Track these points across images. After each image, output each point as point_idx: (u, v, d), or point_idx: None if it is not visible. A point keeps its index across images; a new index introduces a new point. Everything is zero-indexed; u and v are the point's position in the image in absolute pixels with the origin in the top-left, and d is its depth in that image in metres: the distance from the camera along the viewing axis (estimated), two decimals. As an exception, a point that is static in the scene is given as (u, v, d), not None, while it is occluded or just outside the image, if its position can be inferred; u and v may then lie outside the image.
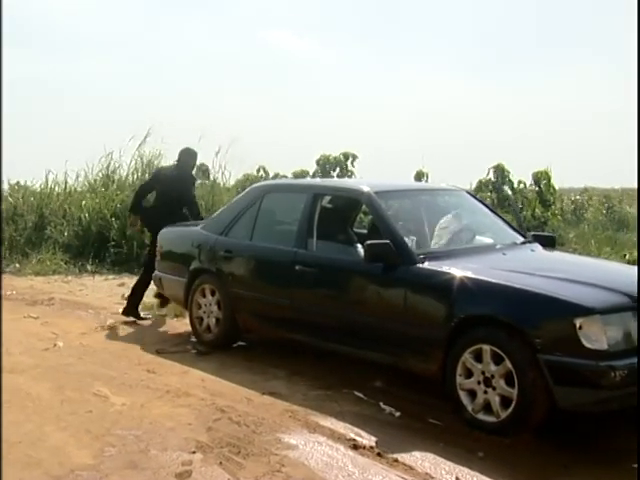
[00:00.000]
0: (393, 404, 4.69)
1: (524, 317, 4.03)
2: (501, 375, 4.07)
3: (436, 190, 6.27)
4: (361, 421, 4.36)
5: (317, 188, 5.84)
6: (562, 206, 19.71)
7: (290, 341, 5.76)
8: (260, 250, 5.79)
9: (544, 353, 3.89)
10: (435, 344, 4.38)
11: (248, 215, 6.02)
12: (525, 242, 5.50)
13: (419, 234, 5.23)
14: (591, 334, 3.80)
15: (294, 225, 5.60)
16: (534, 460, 3.88)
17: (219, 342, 6.07)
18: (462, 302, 4.31)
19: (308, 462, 3.77)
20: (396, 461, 3.79)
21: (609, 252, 9.87)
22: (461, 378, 4.26)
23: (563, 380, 3.88)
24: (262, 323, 5.86)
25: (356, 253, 5.24)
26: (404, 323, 4.56)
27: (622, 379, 3.75)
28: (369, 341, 4.87)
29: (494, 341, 4.10)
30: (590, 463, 3.84)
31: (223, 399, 4.77)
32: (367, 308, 4.85)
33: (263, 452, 3.88)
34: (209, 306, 6.10)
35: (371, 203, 5.18)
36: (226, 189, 13.70)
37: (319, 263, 5.26)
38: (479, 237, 5.44)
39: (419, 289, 4.57)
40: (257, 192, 6.18)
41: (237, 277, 5.91)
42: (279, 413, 4.51)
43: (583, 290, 4.09)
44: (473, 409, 4.21)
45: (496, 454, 3.91)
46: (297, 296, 5.36)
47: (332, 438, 4.10)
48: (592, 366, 3.77)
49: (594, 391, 3.85)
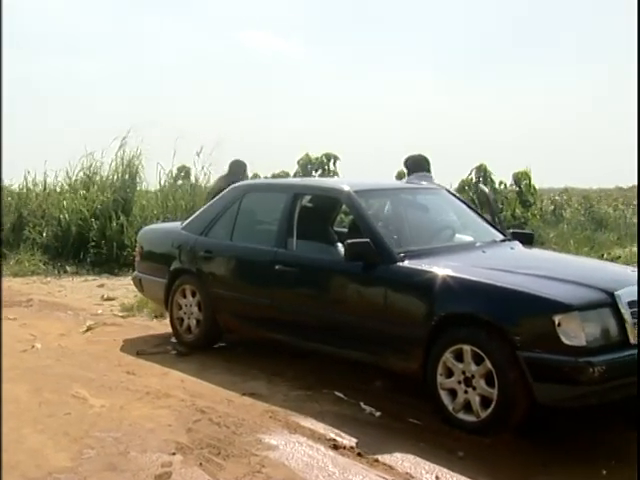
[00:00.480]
0: (373, 404, 4.68)
1: (504, 314, 4.05)
2: (481, 375, 4.07)
3: (416, 189, 6.27)
4: (341, 421, 4.35)
5: (297, 188, 5.83)
6: (542, 206, 19.86)
7: (271, 341, 5.74)
8: (240, 250, 5.77)
9: (524, 350, 3.90)
10: (416, 343, 4.38)
11: (228, 215, 6.00)
12: (504, 240, 5.52)
13: (399, 232, 5.24)
14: (570, 331, 3.82)
15: (274, 225, 5.58)
16: (514, 459, 3.89)
17: (199, 343, 6.03)
18: (442, 300, 4.31)
19: (288, 462, 3.75)
20: (376, 461, 3.78)
21: (588, 252, 9.95)
22: (442, 377, 4.26)
23: (542, 377, 3.90)
24: (243, 323, 5.83)
25: (336, 252, 5.23)
26: (385, 322, 4.55)
27: (600, 375, 3.77)
28: (350, 340, 4.86)
29: (474, 341, 4.10)
30: (569, 461, 3.85)
31: (203, 400, 4.74)
32: (347, 307, 4.84)
33: (243, 453, 3.86)
34: (189, 307, 6.06)
35: (351, 202, 5.17)
36: (207, 189, 13.63)
37: (299, 262, 5.25)
38: (459, 235, 5.46)
39: (399, 288, 4.57)
40: (237, 192, 6.15)
41: (217, 277, 5.88)
42: (259, 414, 4.49)
43: (561, 287, 4.11)
44: (453, 408, 4.22)
45: (476, 453, 3.92)
46: (277, 296, 5.34)
47: (312, 438, 4.08)
48: (571, 362, 3.79)
49: (573, 387, 3.87)
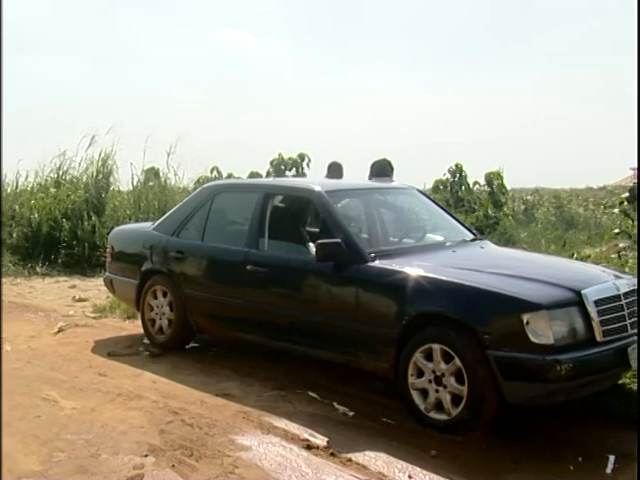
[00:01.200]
0: (347, 404, 4.70)
1: (473, 314, 4.09)
2: (451, 373, 4.12)
3: (387, 189, 6.31)
4: (315, 421, 4.37)
5: (268, 188, 5.83)
6: (514, 206, 20.06)
7: (243, 341, 5.74)
8: (211, 250, 5.76)
9: (493, 349, 3.94)
10: (387, 342, 4.41)
11: (199, 215, 5.99)
12: (475, 239, 5.58)
13: (370, 232, 5.27)
14: (538, 329, 3.87)
15: (245, 225, 5.58)
16: (485, 457, 3.94)
17: (172, 344, 6.01)
18: (413, 300, 4.35)
19: (262, 463, 3.75)
20: (349, 460, 3.80)
21: (558, 251, 10.06)
22: (413, 377, 4.29)
23: (511, 375, 3.95)
24: (215, 324, 5.83)
25: (308, 252, 5.24)
26: (356, 322, 4.58)
27: (568, 372, 3.83)
28: (322, 340, 4.88)
29: (444, 340, 4.14)
30: (539, 458, 3.91)
31: (176, 401, 4.72)
32: (319, 307, 4.86)
33: (216, 454, 3.86)
34: (161, 307, 6.04)
35: (322, 202, 5.19)
36: (180, 190, 13.58)
37: (270, 263, 5.26)
38: (430, 235, 5.51)
39: (370, 287, 4.59)
40: (208, 192, 6.15)
41: (189, 278, 5.87)
42: (232, 414, 4.48)
43: (530, 286, 4.16)
44: (425, 408, 4.25)
45: (448, 452, 3.96)
46: (249, 296, 5.34)
47: (286, 439, 4.09)
48: (539, 360, 3.84)
49: (541, 385, 3.93)
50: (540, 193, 25.49)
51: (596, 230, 16.22)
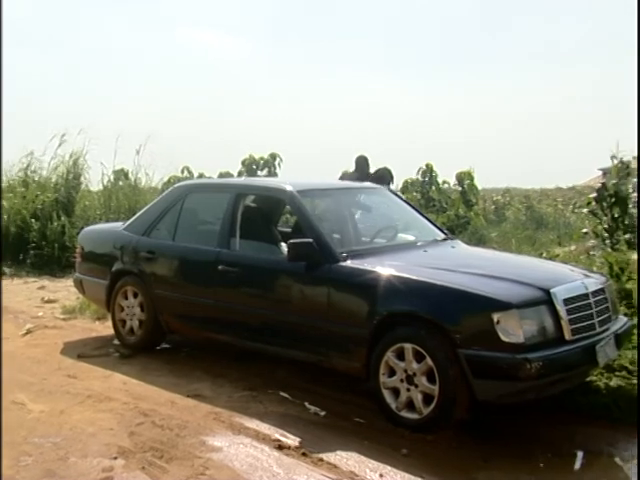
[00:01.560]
0: (318, 404, 4.71)
1: (444, 313, 4.11)
2: (423, 372, 4.13)
3: (359, 189, 6.32)
4: (286, 421, 4.36)
5: (239, 187, 5.81)
6: (485, 206, 20.24)
7: (215, 342, 5.71)
8: (183, 250, 5.72)
9: (464, 348, 3.97)
10: (358, 342, 4.41)
11: (170, 215, 5.95)
12: (446, 239, 5.61)
13: (342, 232, 5.27)
14: (508, 328, 3.90)
15: (217, 225, 5.56)
16: (456, 455, 3.96)
17: (142, 345, 5.97)
18: (384, 299, 4.35)
19: (233, 464, 3.74)
20: (321, 460, 3.80)
21: (528, 250, 10.16)
22: (384, 377, 4.31)
23: (482, 373, 3.97)
24: (186, 324, 5.79)
25: (279, 252, 5.22)
26: (328, 321, 4.58)
27: (537, 370, 3.86)
28: (294, 340, 4.87)
29: (416, 340, 4.16)
30: (508, 455, 3.95)
31: (146, 403, 4.68)
32: (291, 307, 4.85)
33: (187, 455, 3.83)
34: (132, 308, 5.99)
35: (294, 202, 5.18)
36: (151, 190, 13.49)
37: (242, 263, 5.23)
38: (401, 234, 5.53)
39: (342, 287, 4.60)
40: (179, 192, 6.11)
41: (160, 278, 5.82)
42: (203, 415, 4.46)
43: (501, 285, 4.19)
44: (397, 407, 4.26)
45: (419, 450, 3.97)
46: (221, 296, 5.32)
47: (257, 439, 4.08)
48: (509, 359, 3.87)
49: (512, 383, 3.96)
50: (511, 193, 25.77)
51: (565, 230, 16.41)
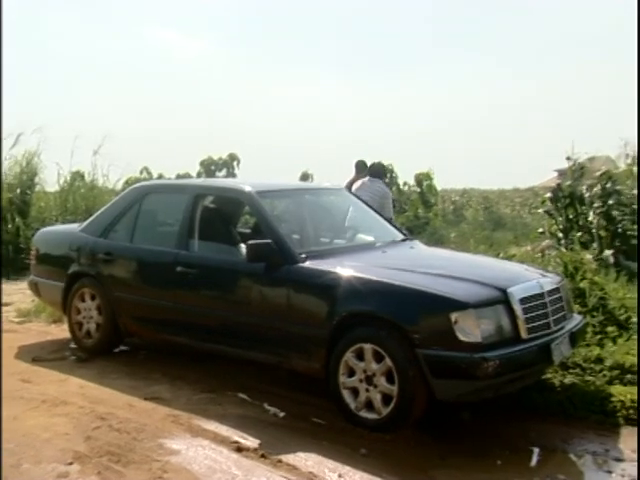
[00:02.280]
0: (277, 405, 4.70)
1: (403, 313, 4.13)
2: (382, 373, 4.15)
3: (318, 189, 6.34)
4: (245, 423, 4.34)
5: (198, 188, 5.77)
6: (444, 207, 20.45)
7: (174, 344, 5.66)
8: (141, 252, 5.67)
9: (422, 348, 3.99)
10: (318, 343, 4.41)
11: (128, 216, 5.89)
12: (404, 239, 5.65)
13: (301, 233, 5.27)
14: (466, 328, 3.94)
15: (175, 226, 5.52)
16: (414, 454, 3.99)
17: (100, 348, 5.89)
18: (343, 300, 4.36)
19: (191, 467, 3.71)
20: (280, 461, 3.79)
21: (486, 250, 10.28)
22: (344, 377, 4.31)
23: (441, 373, 4.00)
24: (145, 327, 5.73)
25: (239, 253, 5.19)
26: (287, 322, 4.57)
27: (495, 369, 3.90)
28: (253, 341, 4.85)
29: (375, 340, 4.18)
30: (466, 453, 3.98)
31: (103, 406, 4.62)
32: (250, 308, 4.83)
33: (144, 459, 3.79)
34: (89, 311, 5.91)
35: (253, 203, 5.17)
36: (108, 191, 13.33)
37: (201, 264, 5.20)
38: (360, 235, 5.55)
39: (301, 288, 4.59)
40: (137, 193, 6.04)
41: (118, 280, 5.75)
42: (161, 418, 4.42)
43: (458, 285, 4.23)
44: (356, 407, 4.27)
45: (378, 450, 3.99)
46: (180, 298, 5.27)
47: (215, 441, 4.05)
48: (467, 358, 3.91)
49: (470, 382, 4.00)
50: (469, 194, 26.06)
51: (522, 230, 16.66)
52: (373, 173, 8.33)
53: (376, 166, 8.46)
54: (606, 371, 4.81)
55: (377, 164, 8.50)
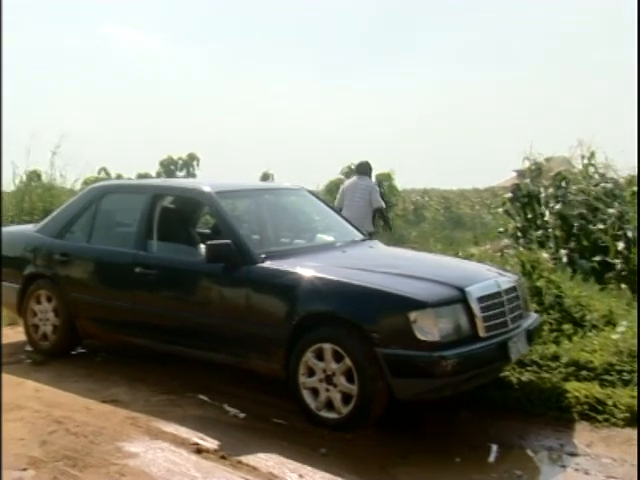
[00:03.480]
0: (237, 406, 4.68)
1: (362, 313, 4.15)
2: (342, 372, 4.16)
3: (278, 189, 6.33)
4: (205, 424, 4.32)
5: (157, 188, 5.73)
6: (404, 206, 20.60)
7: (132, 346, 5.59)
8: (98, 253, 5.59)
9: (381, 347, 4.01)
10: (278, 343, 4.41)
11: (85, 217, 5.81)
12: (364, 239, 5.67)
13: (261, 233, 5.26)
14: (424, 327, 3.97)
15: (134, 226, 5.46)
16: (374, 452, 4.01)
17: (56, 350, 5.80)
18: (303, 300, 4.36)
19: (149, 470, 3.67)
20: (240, 462, 3.78)
21: (446, 250, 10.40)
22: (304, 377, 4.32)
23: (400, 372, 4.03)
24: (103, 328, 5.65)
25: (198, 254, 5.17)
26: (247, 323, 4.56)
27: (453, 368, 3.95)
28: (213, 342, 4.82)
29: (334, 340, 4.19)
30: (426, 451, 4.03)
31: (60, 410, 4.55)
32: (210, 309, 4.80)
33: (102, 463, 3.74)
34: (45, 313, 5.82)
35: (212, 203, 5.14)
36: (67, 191, 13.12)
37: (159, 265, 5.15)
38: (320, 235, 5.56)
39: (261, 288, 4.58)
40: (94, 193, 5.97)
41: (75, 281, 5.67)
42: (120, 421, 4.37)
43: (417, 285, 4.26)
44: (316, 407, 4.28)
45: (338, 449, 4.00)
46: (138, 299, 5.22)
47: (175, 443, 4.02)
48: (426, 357, 3.94)
49: (428, 380, 4.03)
50: (429, 194, 26.28)
51: (482, 229, 16.87)
52: (360, 171, 9.17)
53: (363, 165, 9.21)
54: (562, 368, 4.90)
55: (363, 163, 9.22)
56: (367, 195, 8.77)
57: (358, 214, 8.44)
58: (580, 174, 9.75)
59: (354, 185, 8.97)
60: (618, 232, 7.84)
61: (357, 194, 8.73)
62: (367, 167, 9.22)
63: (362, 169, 9.18)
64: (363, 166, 9.21)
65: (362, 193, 8.76)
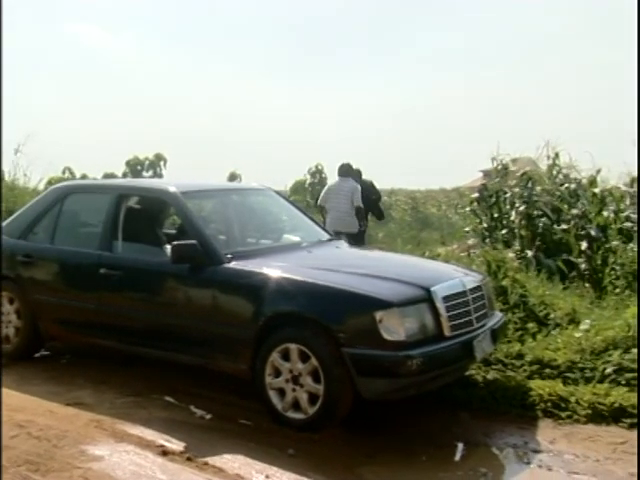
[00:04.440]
0: (204, 407, 4.66)
1: (327, 313, 4.16)
2: (308, 372, 4.17)
3: (245, 190, 6.32)
4: (171, 426, 4.29)
5: (122, 188, 5.67)
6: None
7: (97, 348, 5.53)
8: (62, 253, 5.52)
9: (347, 347, 4.02)
10: (244, 343, 4.39)
11: (49, 217, 5.73)
12: (330, 239, 5.68)
13: (228, 233, 5.24)
14: (390, 326, 3.99)
15: (99, 227, 5.40)
16: (341, 452, 4.02)
17: (19, 353, 5.71)
18: (269, 300, 4.35)
19: (114, 473, 3.64)
20: (206, 464, 3.76)
21: (413, 250, 10.46)
22: (270, 377, 4.31)
23: (366, 371, 4.04)
24: (67, 330, 5.58)
25: (163, 254, 5.13)
26: (213, 324, 4.54)
27: (418, 367, 3.97)
28: (179, 343, 4.79)
29: (300, 340, 4.19)
30: (392, 450, 4.04)
31: (22, 414, 4.48)
32: (175, 310, 4.77)
33: (65, 467, 3.69)
34: (7, 315, 5.72)
35: (177, 203, 5.11)
36: (30, 191, 12.94)
37: (125, 265, 5.11)
38: (286, 235, 5.56)
39: (227, 289, 4.56)
40: (58, 193, 5.89)
41: (39, 283, 5.60)
42: (84, 424, 4.32)
43: (383, 285, 4.28)
44: (283, 407, 4.28)
45: (306, 450, 4.00)
46: (103, 300, 5.17)
47: (140, 446, 3.98)
48: (391, 356, 3.96)
49: (394, 380, 4.05)
50: (396, 194, 26.40)
51: (449, 230, 17.00)
52: (342, 173, 9.53)
53: (345, 167, 9.57)
54: (526, 366, 4.97)
55: (345, 165, 9.58)
56: (350, 196, 9.21)
57: (344, 215, 9.14)
58: (545, 175, 9.88)
59: (337, 187, 9.45)
60: (581, 232, 7.96)
61: (341, 195, 9.24)
62: (349, 168, 9.60)
63: (344, 171, 9.55)
64: (345, 168, 9.57)
65: (346, 195, 9.23)
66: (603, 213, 8.09)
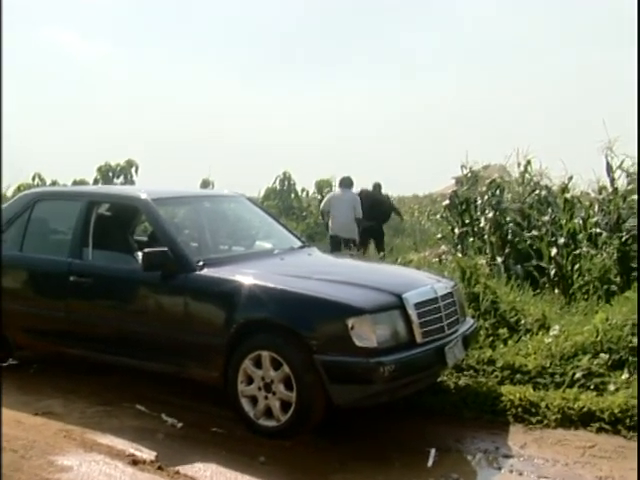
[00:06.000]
0: (175, 415, 4.61)
1: (299, 320, 4.15)
2: (280, 380, 4.16)
3: (216, 197, 6.30)
4: (142, 435, 4.26)
5: (92, 195, 5.61)
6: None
7: (67, 356, 5.47)
8: (31, 261, 5.45)
9: (319, 354, 4.02)
10: (216, 351, 4.37)
11: (17, 224, 5.63)
12: (302, 246, 5.68)
13: (200, 240, 5.22)
14: (362, 333, 4.00)
15: (69, 234, 5.34)
16: (313, 459, 4.02)
17: (-14, 363, 5.60)
18: (240, 307, 4.34)
19: (84, 483, 3.59)
20: (177, 473, 3.73)
21: (386, 256, 10.50)
22: (242, 385, 4.29)
23: (338, 378, 4.04)
24: (36, 339, 5.51)
25: (135, 262, 5.09)
26: (185, 331, 4.50)
27: (390, 373, 3.98)
28: (150, 351, 4.75)
29: (272, 347, 4.18)
30: (364, 457, 4.04)
31: (-11, 424, 4.40)
32: (147, 318, 4.73)
33: (33, 478, 3.65)
34: (-26, 324, 5.62)
35: (148, 210, 5.06)
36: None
37: (95, 273, 5.05)
38: (258, 242, 5.55)
39: (198, 296, 4.54)
40: (27, 200, 5.80)
41: (6, 291, 5.49)
42: (53, 434, 4.27)
43: (354, 292, 4.28)
44: (255, 415, 4.26)
45: (277, 457, 4.00)
46: (73, 308, 5.11)
47: (110, 455, 3.95)
48: (363, 363, 3.97)
49: (366, 386, 4.06)
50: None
51: (421, 236, 17.03)
52: (343, 185, 10.64)
53: (346, 179, 10.62)
54: (497, 372, 5.01)
55: (346, 178, 10.63)
56: (351, 205, 10.25)
57: (347, 224, 10.18)
58: (515, 182, 9.98)
59: (340, 198, 10.49)
60: (551, 238, 8.04)
61: (344, 206, 10.26)
62: (349, 181, 10.64)
63: (346, 183, 10.61)
64: (346, 180, 10.63)
65: (348, 205, 10.25)
66: (574, 220, 8.18)
